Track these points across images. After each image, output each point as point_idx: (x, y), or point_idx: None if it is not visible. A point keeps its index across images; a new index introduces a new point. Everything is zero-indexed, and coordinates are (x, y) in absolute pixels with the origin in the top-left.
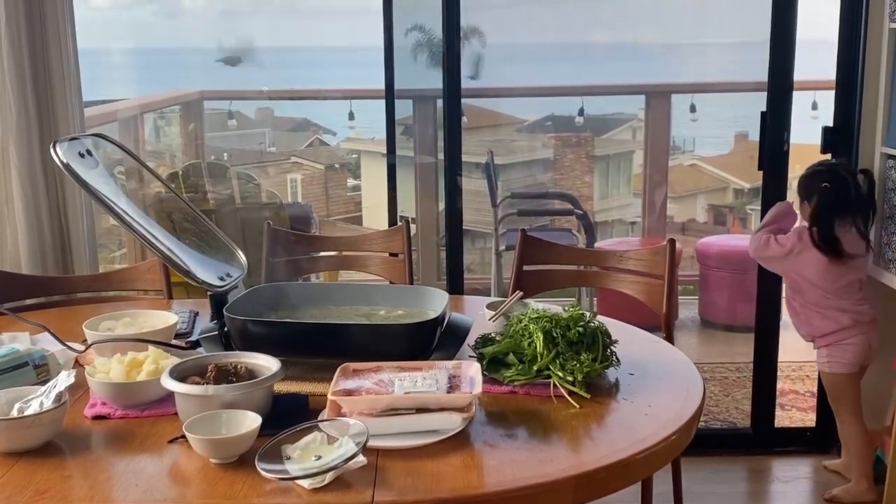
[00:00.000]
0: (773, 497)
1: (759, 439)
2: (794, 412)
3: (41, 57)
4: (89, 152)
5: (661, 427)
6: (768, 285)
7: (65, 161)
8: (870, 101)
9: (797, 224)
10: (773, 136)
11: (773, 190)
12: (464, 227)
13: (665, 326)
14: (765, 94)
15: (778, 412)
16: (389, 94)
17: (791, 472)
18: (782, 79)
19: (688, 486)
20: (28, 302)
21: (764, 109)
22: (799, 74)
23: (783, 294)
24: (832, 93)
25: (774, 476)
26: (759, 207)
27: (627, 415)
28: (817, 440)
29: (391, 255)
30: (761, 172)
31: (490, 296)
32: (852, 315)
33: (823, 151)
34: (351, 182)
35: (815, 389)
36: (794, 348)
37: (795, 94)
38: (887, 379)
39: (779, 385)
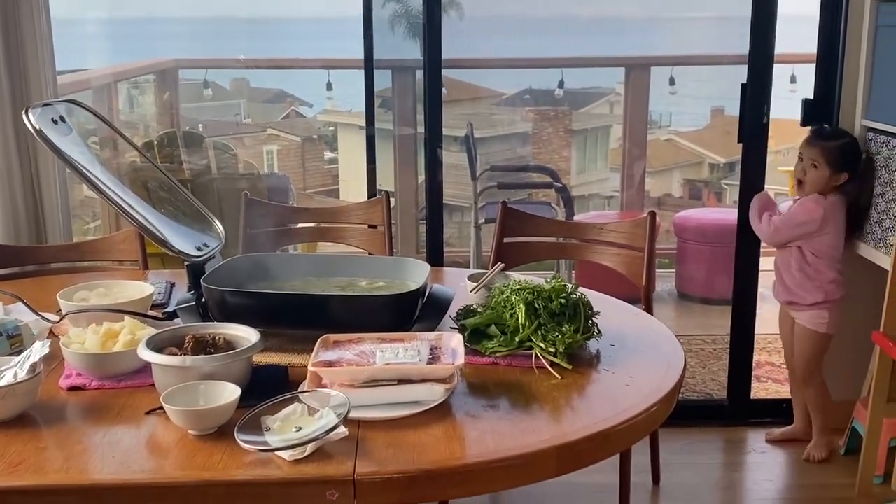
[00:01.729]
0: (749, 468)
1: (736, 411)
2: (770, 384)
3: (13, 24)
4: (63, 119)
5: (643, 398)
6: (746, 258)
7: (37, 127)
8: (850, 74)
9: (788, 202)
10: (752, 108)
11: (752, 163)
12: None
13: (645, 298)
14: (743, 67)
15: (754, 384)
16: (368, 65)
17: (767, 444)
18: (763, 51)
19: (665, 457)
20: (1, 272)
21: (744, 82)
22: (777, 48)
23: (790, 265)
24: (810, 67)
25: (750, 447)
26: (738, 181)
27: (609, 386)
28: (792, 412)
29: (370, 227)
30: (740, 146)
31: (469, 269)
32: (844, 279)
33: (804, 124)
34: (328, 155)
35: None
36: (771, 321)
37: (774, 68)
38: (863, 351)
39: (755, 357)
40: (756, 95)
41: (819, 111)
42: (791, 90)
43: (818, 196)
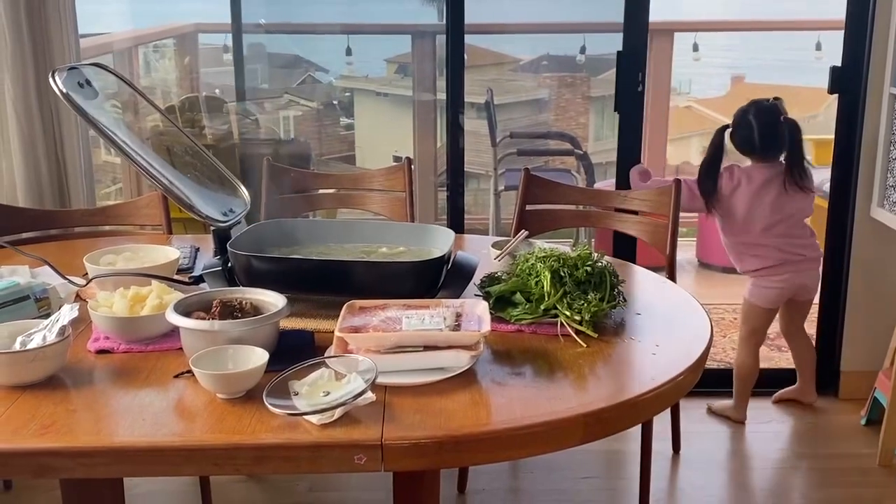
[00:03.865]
0: (769, 437)
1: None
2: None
3: None
4: (88, 82)
5: (669, 367)
6: None
7: (64, 91)
8: (880, 41)
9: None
10: (627, 76)
11: (627, 132)
12: None
13: (669, 267)
14: (764, 34)
15: (775, 354)
16: (236, 23)
17: (786, 412)
18: (637, 18)
19: (685, 425)
20: (25, 235)
21: (620, 50)
22: (803, 14)
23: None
24: (836, 34)
25: (770, 416)
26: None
27: (635, 354)
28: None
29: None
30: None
31: (490, 236)
32: (782, 254)
33: (831, 91)
34: (344, 121)
35: None
36: None
37: (800, 35)
38: (886, 320)
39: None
40: (631, 63)
41: (847, 78)
42: (817, 57)
43: (733, 169)
